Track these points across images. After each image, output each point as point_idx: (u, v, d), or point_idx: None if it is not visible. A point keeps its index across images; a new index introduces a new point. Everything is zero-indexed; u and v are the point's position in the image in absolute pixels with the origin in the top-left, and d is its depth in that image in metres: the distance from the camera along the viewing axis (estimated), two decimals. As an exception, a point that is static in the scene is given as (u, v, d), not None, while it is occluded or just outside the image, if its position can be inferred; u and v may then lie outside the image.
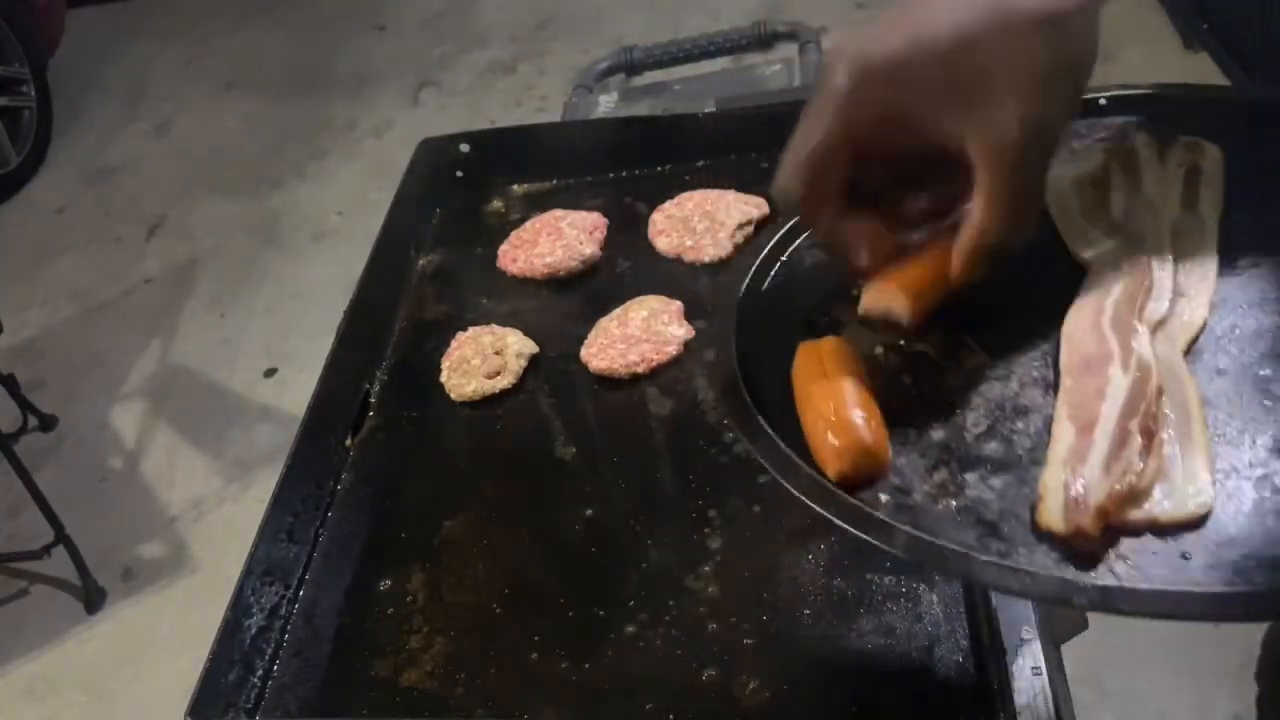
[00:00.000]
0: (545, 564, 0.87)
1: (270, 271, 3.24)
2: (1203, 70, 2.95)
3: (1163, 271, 0.65)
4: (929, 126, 0.57)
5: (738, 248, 1.12)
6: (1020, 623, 0.73)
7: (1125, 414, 0.56)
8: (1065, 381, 0.60)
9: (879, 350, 0.67)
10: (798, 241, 0.77)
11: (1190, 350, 0.62)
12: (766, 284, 0.75)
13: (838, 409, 0.59)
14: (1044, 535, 0.54)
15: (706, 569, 0.83)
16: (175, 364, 3.00)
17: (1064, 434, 0.57)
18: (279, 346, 2.95)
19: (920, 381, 0.65)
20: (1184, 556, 0.51)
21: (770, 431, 0.61)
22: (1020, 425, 0.61)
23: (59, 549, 2.31)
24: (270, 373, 2.89)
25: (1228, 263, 0.67)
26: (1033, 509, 0.55)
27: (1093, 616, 0.88)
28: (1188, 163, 0.72)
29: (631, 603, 0.82)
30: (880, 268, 0.65)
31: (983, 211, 0.58)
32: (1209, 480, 0.54)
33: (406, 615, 0.85)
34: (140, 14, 4.80)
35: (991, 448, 0.60)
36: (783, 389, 0.65)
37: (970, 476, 0.58)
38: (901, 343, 0.67)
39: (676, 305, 1.05)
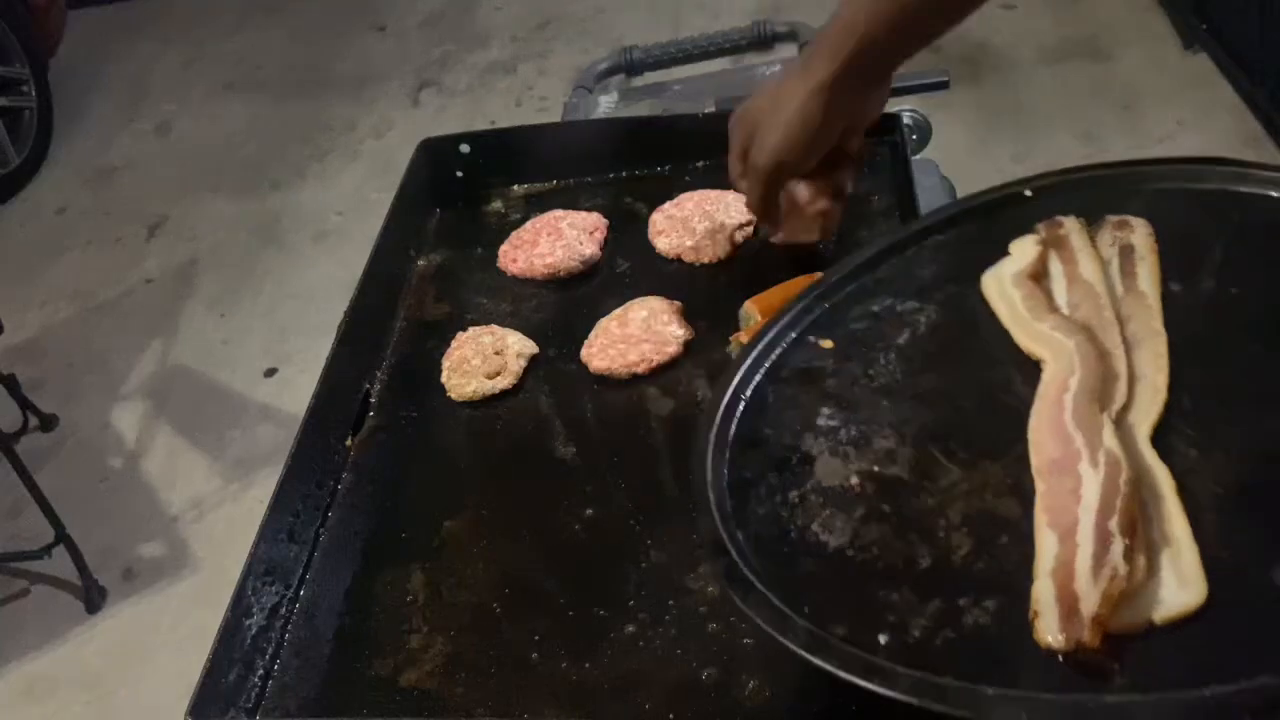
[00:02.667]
0: (545, 564, 0.87)
1: (270, 271, 3.24)
2: (1203, 70, 2.95)
3: (1116, 357, 0.65)
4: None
5: (737, 248, 1.12)
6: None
7: (1103, 513, 0.56)
8: (1039, 486, 0.60)
9: (854, 480, 0.67)
10: (756, 375, 0.78)
11: (1158, 431, 0.61)
12: (734, 426, 0.75)
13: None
14: (1047, 653, 0.53)
15: (706, 569, 0.83)
16: (175, 364, 3.00)
17: (1046, 543, 0.57)
18: (279, 346, 2.95)
19: (900, 507, 0.64)
20: (1188, 653, 0.51)
21: (761, 587, 0.61)
22: (1004, 539, 0.60)
23: (59, 549, 2.31)
24: (270, 373, 2.88)
25: (1176, 336, 0.66)
26: (1030, 627, 0.54)
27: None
28: (1120, 241, 0.73)
29: (631, 603, 0.82)
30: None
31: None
32: (1199, 572, 0.53)
33: (406, 615, 0.85)
34: (140, 14, 4.79)
35: (979, 568, 0.59)
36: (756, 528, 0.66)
37: (964, 601, 0.57)
38: (876, 469, 0.67)
39: (676, 305, 1.05)
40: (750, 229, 1.14)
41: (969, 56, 3.31)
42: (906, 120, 1.21)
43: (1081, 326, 0.68)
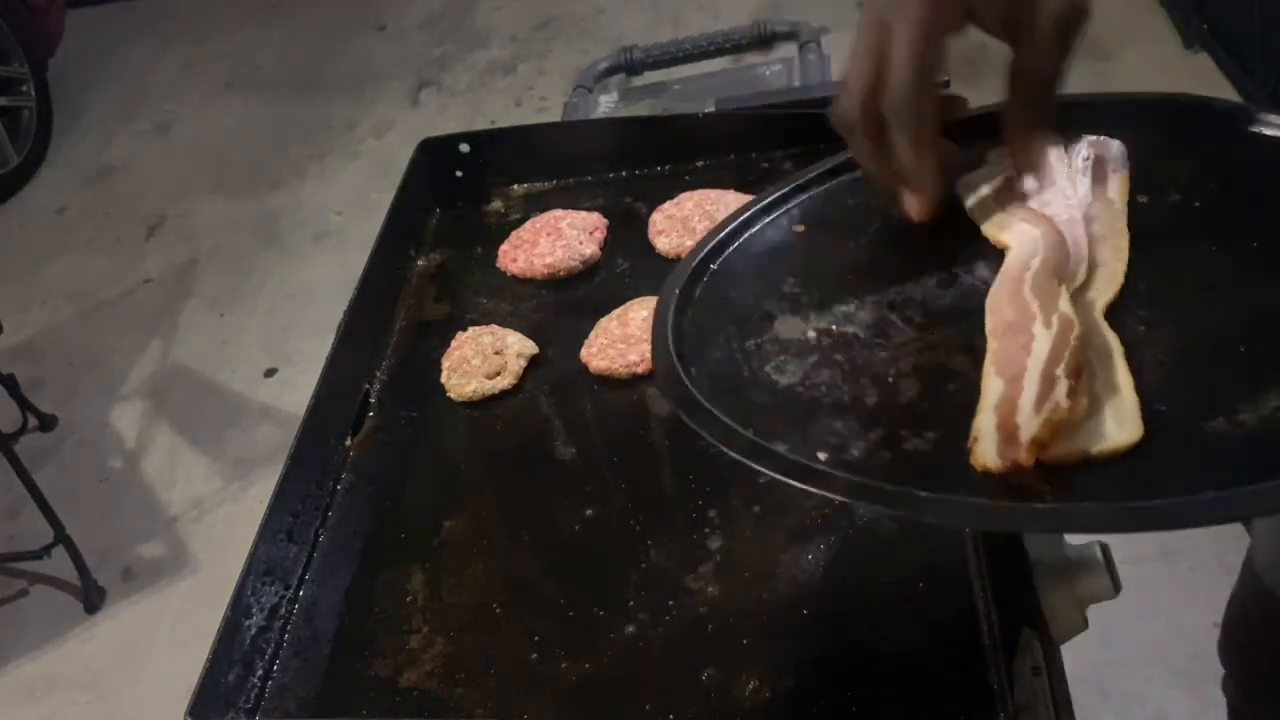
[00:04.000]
0: (545, 564, 0.87)
1: (270, 271, 3.24)
2: (1203, 70, 2.95)
3: (1078, 246, 0.69)
4: (989, 17, 0.68)
5: (738, 248, 1.12)
6: (1020, 623, 0.73)
7: (1051, 362, 0.58)
8: (991, 344, 0.63)
9: (810, 335, 0.70)
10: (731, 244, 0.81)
11: (1109, 312, 0.64)
12: (700, 290, 0.77)
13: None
14: (981, 477, 0.55)
15: (706, 569, 0.83)
16: (175, 364, 3.00)
17: (993, 386, 0.60)
18: (279, 346, 2.95)
19: (853, 358, 0.67)
20: (1116, 481, 0.53)
21: (709, 406, 0.64)
22: (951, 387, 0.63)
23: (59, 549, 2.31)
24: (270, 373, 2.89)
25: (1137, 235, 0.70)
26: (968, 454, 0.56)
27: (1093, 618, 0.88)
28: (1094, 154, 0.76)
29: (631, 603, 0.82)
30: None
31: (1025, 86, 0.72)
32: (1137, 413, 0.56)
33: (406, 615, 0.85)
34: (140, 14, 4.80)
35: (924, 407, 0.62)
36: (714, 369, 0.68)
37: (905, 432, 0.60)
38: (833, 327, 0.70)
39: (676, 305, 1.05)
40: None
41: (969, 57, 3.29)
42: (906, 120, 1.20)
43: (1048, 218, 0.71)
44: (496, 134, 1.50)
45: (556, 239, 1.15)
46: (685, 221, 1.14)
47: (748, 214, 0.83)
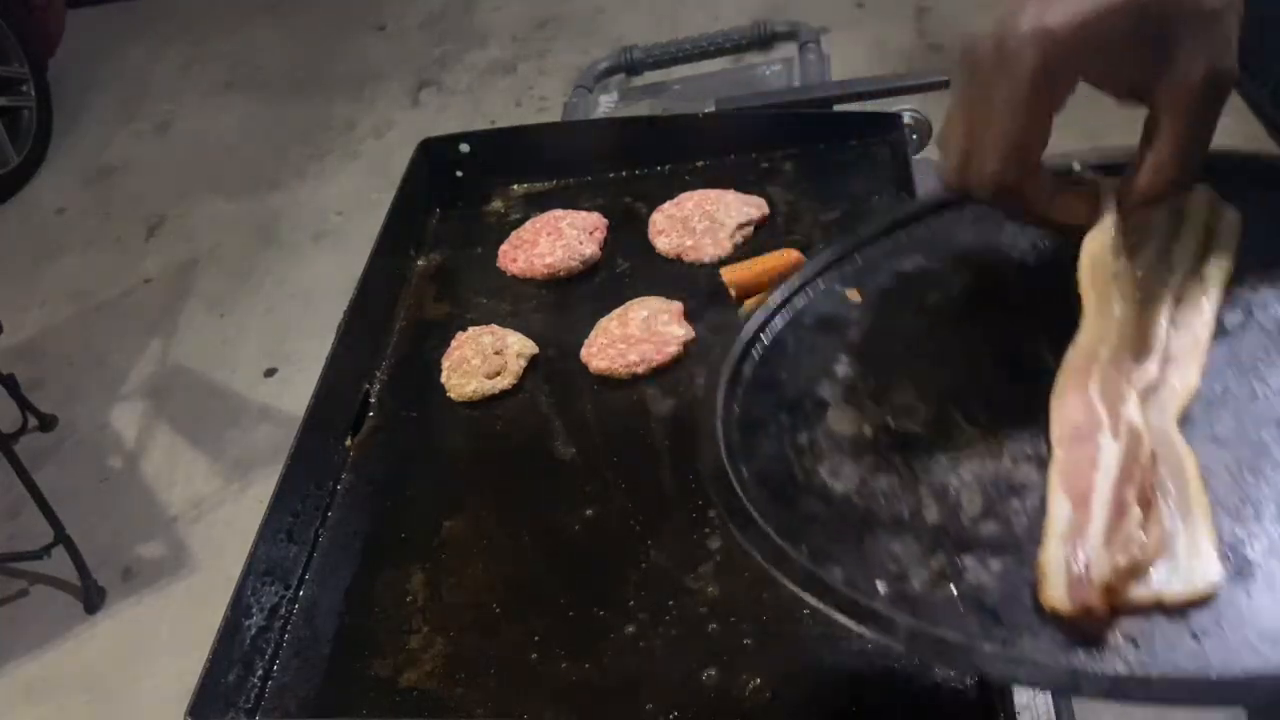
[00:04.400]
0: (545, 564, 0.87)
1: (270, 271, 3.24)
2: (1203, 70, 2.95)
3: (1156, 335, 0.63)
4: (1113, 83, 0.59)
5: (737, 248, 1.12)
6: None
7: (1120, 482, 0.54)
8: (1056, 453, 0.58)
9: (866, 430, 0.65)
10: (777, 313, 0.76)
11: (1183, 418, 0.59)
12: (750, 368, 0.73)
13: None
14: (1049, 618, 0.51)
15: (706, 569, 0.83)
16: (175, 364, 3.00)
17: (1059, 508, 0.55)
18: (279, 346, 2.95)
19: (911, 461, 0.63)
20: (1194, 637, 0.49)
21: (761, 521, 0.59)
22: (1016, 504, 0.58)
23: (59, 549, 2.31)
24: (270, 373, 2.89)
25: (1222, 326, 0.64)
26: (1035, 590, 0.53)
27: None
28: (1204, 223, 0.68)
29: (631, 603, 0.82)
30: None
31: (1166, 154, 0.60)
32: (1214, 554, 0.51)
33: (406, 615, 0.85)
34: (140, 14, 4.80)
35: (989, 529, 0.57)
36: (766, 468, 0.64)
37: (968, 559, 0.56)
38: (890, 421, 0.65)
39: (676, 305, 1.05)
40: (750, 229, 1.13)
41: (969, 56, 3.30)
42: (907, 120, 1.21)
43: (1133, 292, 0.65)
44: (496, 134, 1.50)
45: (556, 239, 1.15)
46: (685, 221, 1.14)
47: (800, 282, 0.77)
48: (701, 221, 1.13)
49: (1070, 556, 0.52)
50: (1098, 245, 0.66)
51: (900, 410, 0.66)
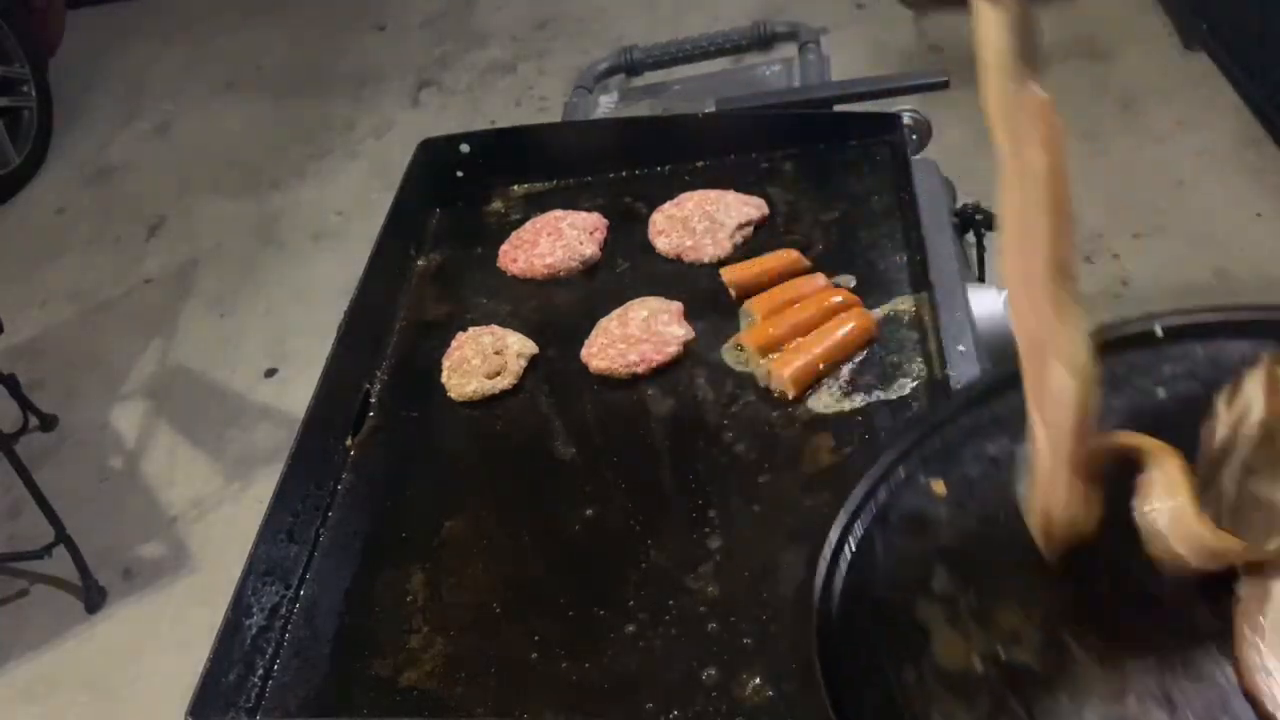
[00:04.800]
0: (545, 564, 0.87)
1: (270, 271, 3.24)
2: (1203, 70, 2.95)
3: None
4: None
5: (737, 248, 1.12)
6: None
7: None
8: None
9: (977, 664, 0.60)
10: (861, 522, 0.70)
11: None
12: (839, 577, 0.67)
13: None
14: None
15: (706, 569, 0.83)
16: (175, 364, 2.99)
17: None
18: (279, 346, 2.95)
19: (1030, 703, 0.57)
20: None
21: None
22: None
23: (59, 549, 2.31)
24: (270, 373, 2.88)
25: None
26: None
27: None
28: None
29: (631, 603, 0.82)
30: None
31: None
32: None
33: (406, 615, 0.85)
34: (140, 14, 4.79)
35: None
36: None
37: None
38: (1000, 651, 0.59)
39: (676, 305, 1.05)
40: (750, 229, 1.14)
41: (969, 56, 3.30)
42: (907, 120, 1.21)
43: (1232, 542, 0.58)
44: (496, 134, 1.49)
45: (556, 239, 1.15)
46: (685, 221, 1.14)
47: (880, 473, 0.71)
48: (701, 221, 1.13)
49: None
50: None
51: (1009, 636, 0.60)
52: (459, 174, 1.28)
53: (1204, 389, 0.65)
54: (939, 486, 0.70)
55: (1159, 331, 0.69)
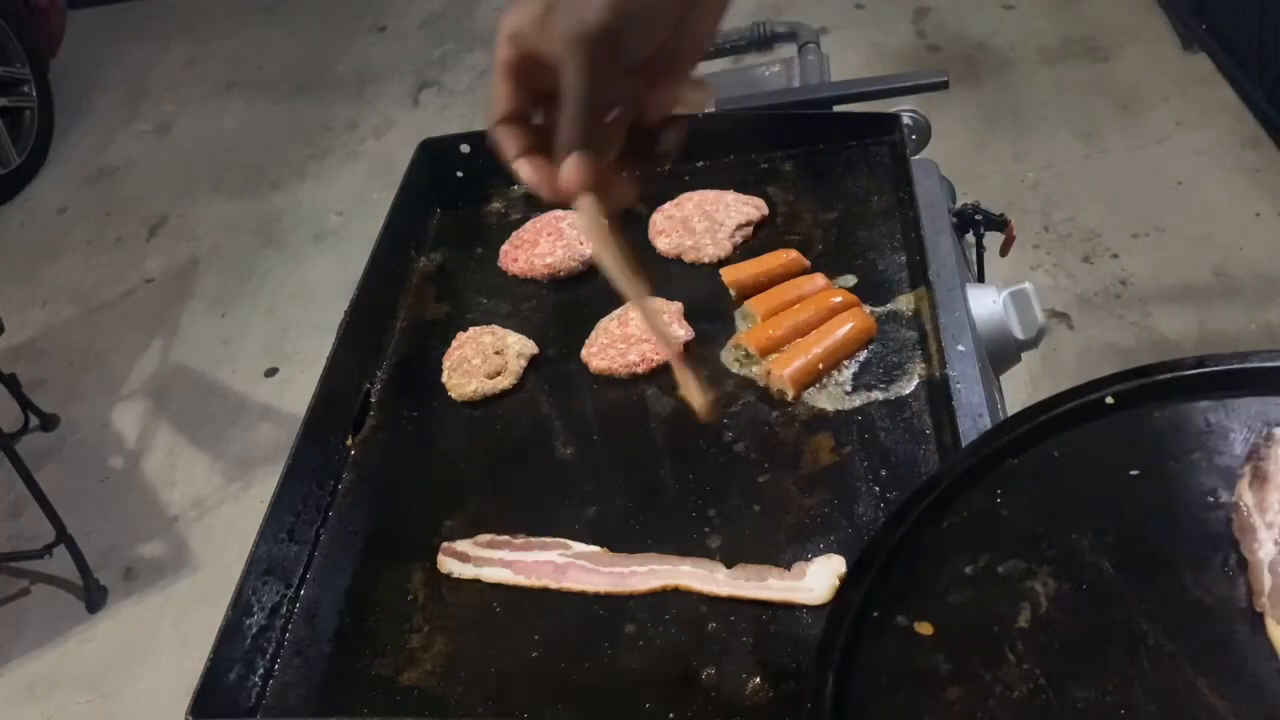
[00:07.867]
0: (545, 563, 0.87)
1: (270, 271, 3.24)
2: (1203, 70, 2.95)
3: None
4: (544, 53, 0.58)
5: (737, 248, 1.12)
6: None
7: None
8: None
9: None
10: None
11: None
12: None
13: None
14: None
15: (706, 568, 0.83)
16: (175, 364, 3.00)
17: None
18: (279, 346, 2.96)
19: None
20: None
21: None
22: None
23: (60, 548, 2.31)
24: (270, 373, 2.89)
25: None
26: None
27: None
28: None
29: (631, 603, 0.82)
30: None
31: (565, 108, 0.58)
32: None
33: (407, 615, 0.86)
34: (140, 14, 4.80)
35: None
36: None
37: None
38: None
39: (676, 305, 1.05)
40: (750, 229, 1.14)
41: (968, 56, 3.31)
42: (906, 120, 1.21)
43: None
44: (497, 134, 1.49)
45: (557, 239, 1.15)
46: (685, 221, 1.14)
47: (844, 615, 0.61)
48: (701, 221, 1.13)
49: None
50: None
51: None
52: (459, 174, 1.28)
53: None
54: (924, 627, 0.60)
55: (1109, 399, 0.65)
